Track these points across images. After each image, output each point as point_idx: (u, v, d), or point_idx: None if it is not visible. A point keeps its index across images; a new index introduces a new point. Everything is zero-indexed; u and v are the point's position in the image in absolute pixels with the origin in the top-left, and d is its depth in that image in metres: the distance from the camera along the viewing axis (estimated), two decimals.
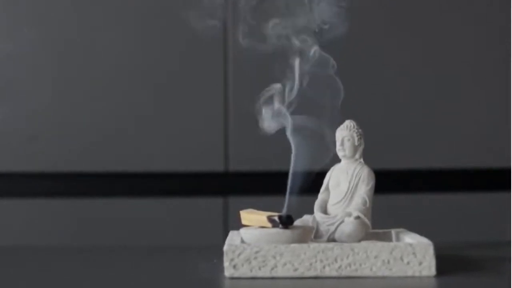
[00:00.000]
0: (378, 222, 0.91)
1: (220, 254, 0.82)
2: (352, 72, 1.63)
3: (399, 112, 1.64)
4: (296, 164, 0.88)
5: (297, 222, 0.87)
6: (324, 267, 0.81)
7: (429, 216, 1.60)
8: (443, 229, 1.54)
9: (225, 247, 0.81)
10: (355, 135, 0.90)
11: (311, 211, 0.90)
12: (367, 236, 0.88)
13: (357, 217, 0.87)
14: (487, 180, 1.65)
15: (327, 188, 0.91)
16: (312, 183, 0.91)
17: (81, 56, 1.62)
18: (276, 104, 0.90)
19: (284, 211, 0.86)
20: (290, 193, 0.87)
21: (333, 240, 0.87)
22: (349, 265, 0.81)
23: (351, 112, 0.94)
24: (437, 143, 1.64)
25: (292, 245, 0.81)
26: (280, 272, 0.81)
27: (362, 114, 0.97)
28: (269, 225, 0.84)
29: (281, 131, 0.90)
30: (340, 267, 0.81)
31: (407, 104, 1.64)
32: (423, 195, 1.63)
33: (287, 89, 0.90)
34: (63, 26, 1.62)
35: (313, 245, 0.81)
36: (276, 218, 0.84)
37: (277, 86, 0.90)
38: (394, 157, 1.61)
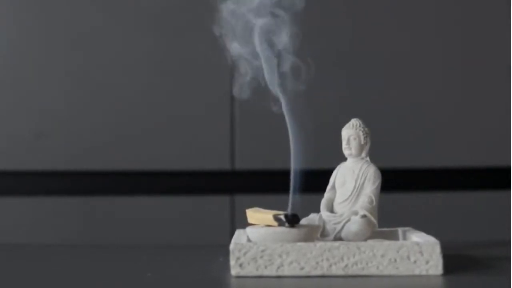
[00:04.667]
0: (385, 221, 0.90)
1: (226, 253, 0.82)
2: (357, 72, 1.64)
3: (405, 111, 1.63)
4: (297, 162, 0.88)
5: (303, 221, 0.87)
6: (330, 265, 0.81)
7: (436, 214, 1.60)
8: (449, 227, 1.55)
9: (231, 246, 0.81)
10: (361, 133, 0.90)
11: (317, 210, 0.90)
12: (374, 234, 0.88)
13: (364, 216, 0.87)
14: (492, 178, 1.65)
15: (333, 187, 0.91)
16: (318, 181, 0.91)
17: (90, 54, 1.62)
18: None
19: (289, 210, 0.86)
20: (294, 191, 0.87)
21: (340, 239, 0.87)
22: (356, 263, 0.81)
23: (357, 111, 0.94)
24: (441, 142, 1.64)
25: (298, 243, 0.81)
26: (286, 271, 0.81)
27: (367, 113, 0.97)
28: (275, 223, 0.84)
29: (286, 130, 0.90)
30: (346, 266, 0.81)
31: (411, 104, 1.64)
32: (429, 194, 1.63)
33: None
34: (72, 22, 1.62)
35: (320, 243, 0.81)
36: (282, 217, 0.84)
37: None
38: (400, 156, 1.61)
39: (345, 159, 0.91)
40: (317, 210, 0.90)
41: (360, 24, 1.64)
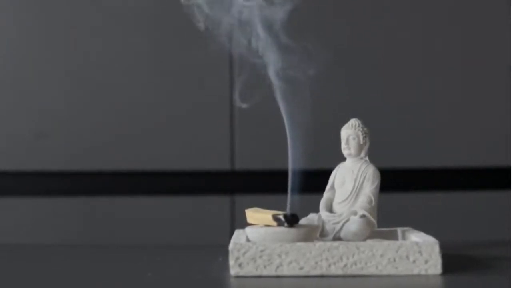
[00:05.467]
0: (384, 221, 0.91)
1: (226, 253, 0.82)
2: (357, 72, 1.64)
3: (404, 111, 1.64)
4: (295, 162, 0.88)
5: (302, 221, 0.87)
6: (329, 265, 0.81)
7: (435, 214, 1.60)
8: (448, 227, 1.55)
9: (231, 246, 0.81)
10: (360, 133, 0.90)
11: (316, 210, 0.90)
12: (373, 234, 0.88)
13: (363, 216, 0.87)
14: (491, 178, 1.65)
15: (332, 187, 0.91)
16: (317, 181, 0.91)
17: (90, 54, 1.62)
18: None
19: (287, 210, 0.86)
20: (292, 191, 0.87)
21: (339, 239, 0.87)
22: (355, 263, 0.81)
23: (356, 111, 0.94)
24: (441, 142, 1.64)
25: (298, 243, 0.81)
26: (285, 270, 0.81)
27: (366, 113, 0.97)
28: (275, 223, 0.84)
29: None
30: (345, 265, 0.81)
31: (411, 104, 1.64)
32: (429, 194, 1.63)
33: None
34: (73, 22, 1.63)
35: (319, 243, 0.81)
36: (282, 217, 0.84)
37: None
38: (399, 156, 1.61)
39: (344, 159, 0.91)
40: (316, 210, 0.90)
41: (359, 23, 1.64)
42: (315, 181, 0.91)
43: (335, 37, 1.61)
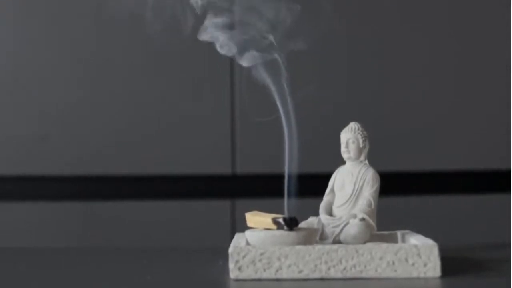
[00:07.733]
0: (384, 224, 0.91)
1: (226, 256, 0.82)
2: (356, 74, 1.64)
3: (403, 115, 1.64)
4: (293, 166, 0.88)
5: (302, 224, 0.87)
6: (329, 268, 0.81)
7: (435, 217, 1.60)
8: (448, 230, 1.55)
9: (230, 249, 0.81)
10: (359, 137, 0.91)
11: (316, 214, 0.90)
12: (373, 237, 0.88)
13: (362, 219, 0.87)
14: (490, 182, 1.65)
15: (332, 190, 0.91)
16: (317, 185, 0.92)
17: (94, 59, 1.63)
18: None
19: (286, 214, 0.86)
20: (288, 195, 0.88)
21: (338, 242, 0.87)
22: (354, 266, 0.81)
23: (356, 114, 0.94)
24: (440, 145, 1.64)
25: (297, 247, 0.82)
26: (285, 274, 0.81)
27: (366, 116, 0.98)
28: (274, 227, 0.85)
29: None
30: (345, 268, 0.81)
31: (410, 107, 1.64)
32: (428, 197, 1.63)
33: None
34: (77, 25, 1.63)
35: (318, 246, 0.81)
36: (281, 220, 0.84)
37: None
38: (399, 159, 1.61)
39: (343, 162, 0.92)
40: (316, 213, 0.90)
41: (358, 27, 1.64)
42: (314, 185, 0.91)
43: (332, 39, 1.61)
